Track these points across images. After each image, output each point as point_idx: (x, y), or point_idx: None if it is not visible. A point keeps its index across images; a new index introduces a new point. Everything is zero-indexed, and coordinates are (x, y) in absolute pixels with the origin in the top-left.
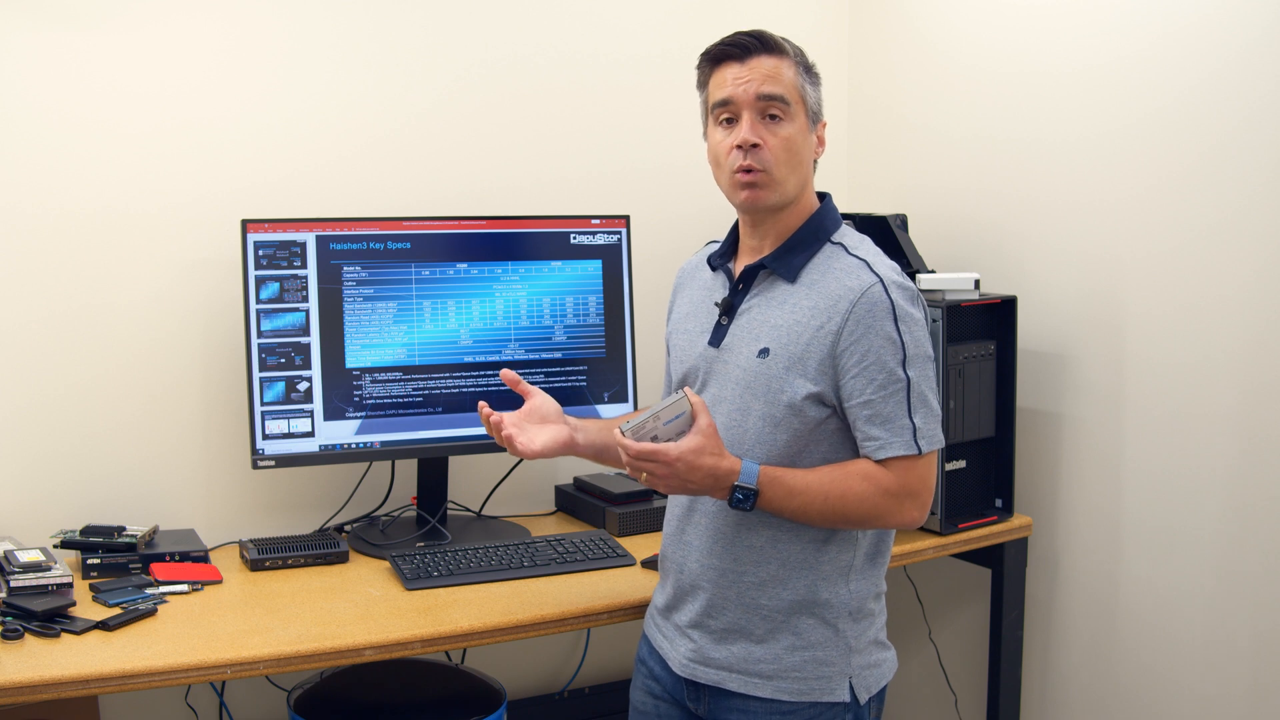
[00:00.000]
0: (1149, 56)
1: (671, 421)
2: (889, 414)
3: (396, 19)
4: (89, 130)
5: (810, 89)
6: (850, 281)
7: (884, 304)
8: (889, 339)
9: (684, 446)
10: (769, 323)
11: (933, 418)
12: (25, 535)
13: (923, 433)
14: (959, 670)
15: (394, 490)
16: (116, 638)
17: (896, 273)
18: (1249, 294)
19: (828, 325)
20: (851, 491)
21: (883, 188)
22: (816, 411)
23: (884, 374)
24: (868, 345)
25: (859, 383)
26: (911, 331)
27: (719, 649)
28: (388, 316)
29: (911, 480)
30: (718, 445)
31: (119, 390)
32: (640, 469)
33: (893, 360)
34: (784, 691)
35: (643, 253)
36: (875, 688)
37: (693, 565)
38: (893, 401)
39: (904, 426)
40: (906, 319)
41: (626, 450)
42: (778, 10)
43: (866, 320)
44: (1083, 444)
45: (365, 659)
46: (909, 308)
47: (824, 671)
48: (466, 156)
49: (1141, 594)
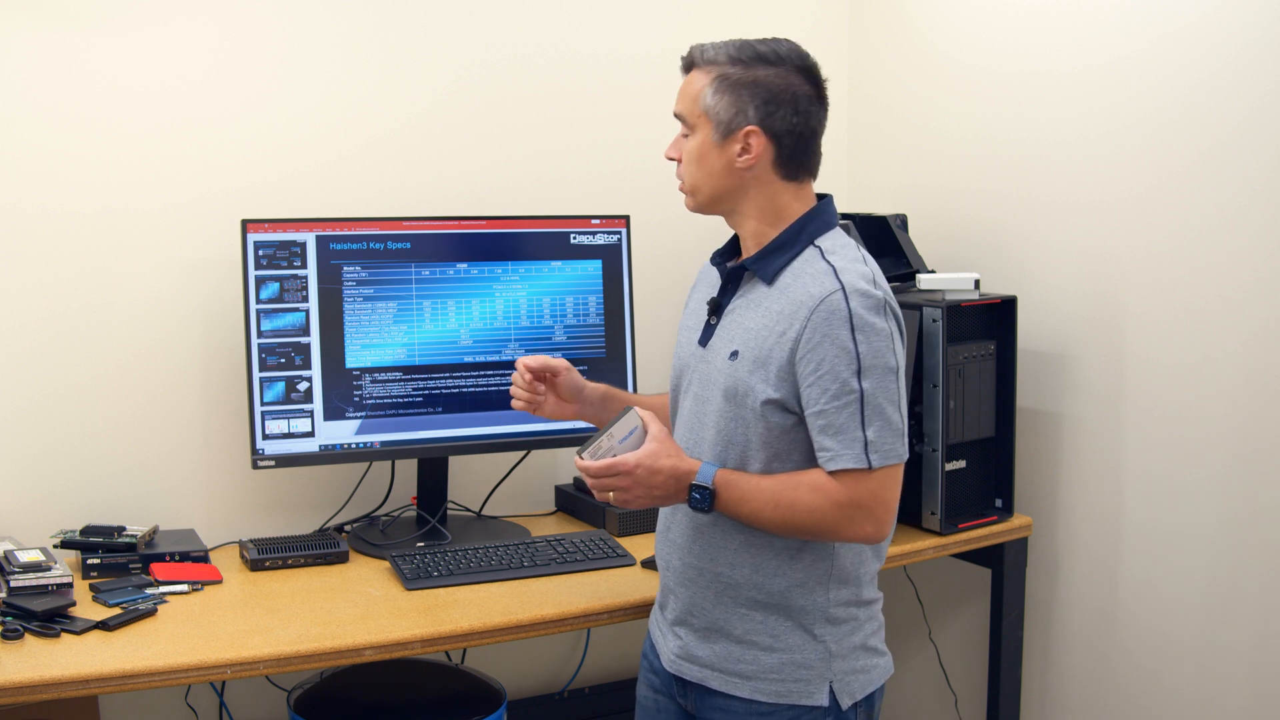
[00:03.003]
0: (1149, 56)
1: (626, 439)
2: (841, 425)
3: (396, 19)
4: (89, 130)
5: (720, 98)
6: (813, 288)
7: (841, 312)
8: (844, 349)
9: (640, 453)
10: (743, 325)
11: (889, 431)
12: (25, 535)
13: (875, 446)
14: (959, 670)
15: (394, 490)
16: (116, 638)
17: (866, 280)
18: (1249, 294)
19: (789, 332)
20: (801, 501)
21: (883, 188)
22: (780, 418)
23: (837, 384)
24: (823, 354)
25: (814, 391)
26: (870, 341)
27: (702, 647)
28: (388, 316)
29: (861, 494)
30: (674, 448)
31: (119, 390)
32: (605, 487)
33: (846, 371)
34: (762, 692)
35: (643, 253)
36: (860, 693)
37: (676, 563)
38: (845, 413)
39: (855, 439)
40: (865, 328)
41: (587, 472)
42: (778, 10)
43: (823, 328)
44: (1083, 444)
45: (365, 659)
46: (869, 317)
47: (802, 674)
48: (466, 156)
49: (1141, 594)
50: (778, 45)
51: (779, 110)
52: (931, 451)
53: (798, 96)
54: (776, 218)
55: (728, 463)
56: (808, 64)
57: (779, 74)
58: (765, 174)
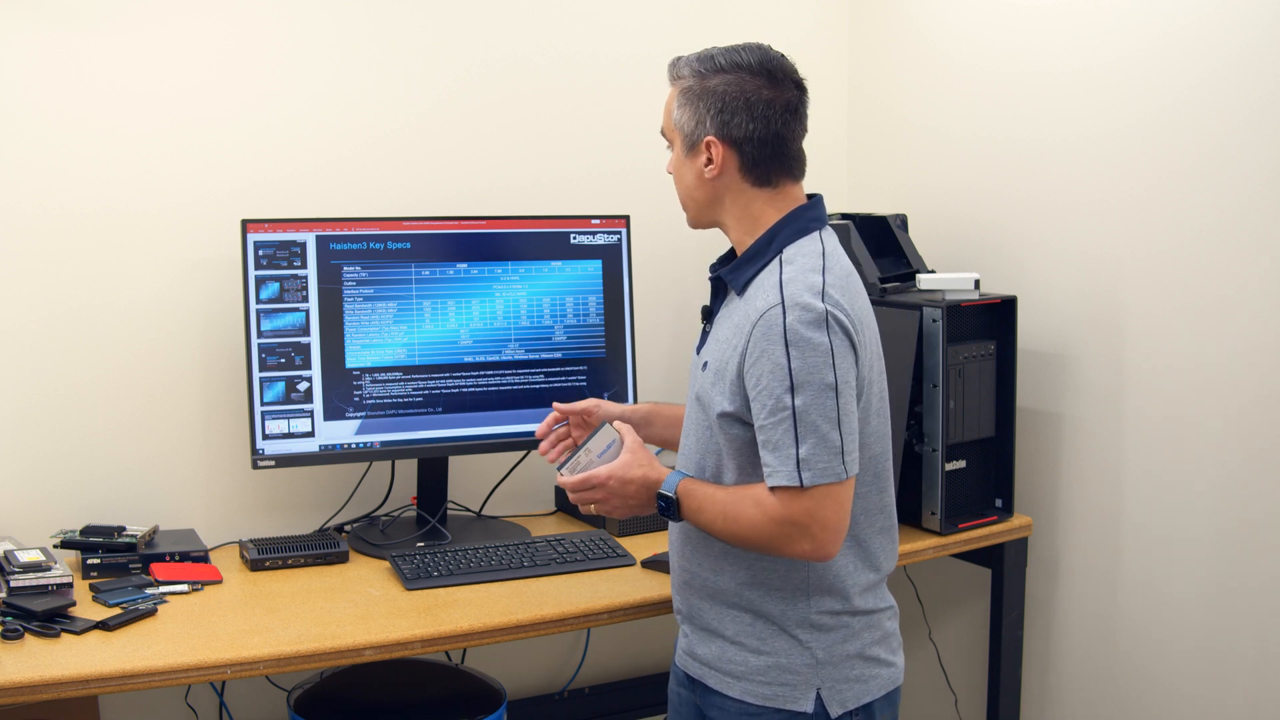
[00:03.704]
0: (1149, 56)
1: (604, 453)
2: (777, 441)
3: (396, 19)
4: (89, 130)
5: (683, 112)
6: (759, 302)
7: (777, 328)
8: (778, 364)
9: (613, 465)
10: (717, 336)
11: (824, 449)
12: (25, 535)
13: (808, 464)
14: (959, 670)
15: (394, 490)
16: (116, 638)
17: (812, 292)
18: (1249, 294)
19: (739, 345)
20: (744, 515)
21: (883, 188)
22: (739, 430)
23: (773, 400)
24: (761, 370)
25: (756, 406)
26: (805, 357)
27: (702, 645)
28: (388, 316)
29: (795, 512)
30: (646, 458)
31: (119, 390)
32: (584, 500)
33: (780, 387)
34: (750, 694)
35: (643, 253)
36: (854, 703)
37: (674, 565)
38: (780, 429)
39: (789, 456)
40: (800, 343)
41: (566, 486)
42: (778, 10)
43: (761, 344)
44: (1083, 444)
45: (365, 659)
46: (806, 332)
47: (787, 679)
48: (466, 156)
49: (1141, 594)
50: (738, 52)
51: (734, 118)
52: (931, 451)
53: (753, 102)
54: (753, 225)
55: (706, 470)
56: (769, 67)
57: (732, 80)
58: (734, 183)
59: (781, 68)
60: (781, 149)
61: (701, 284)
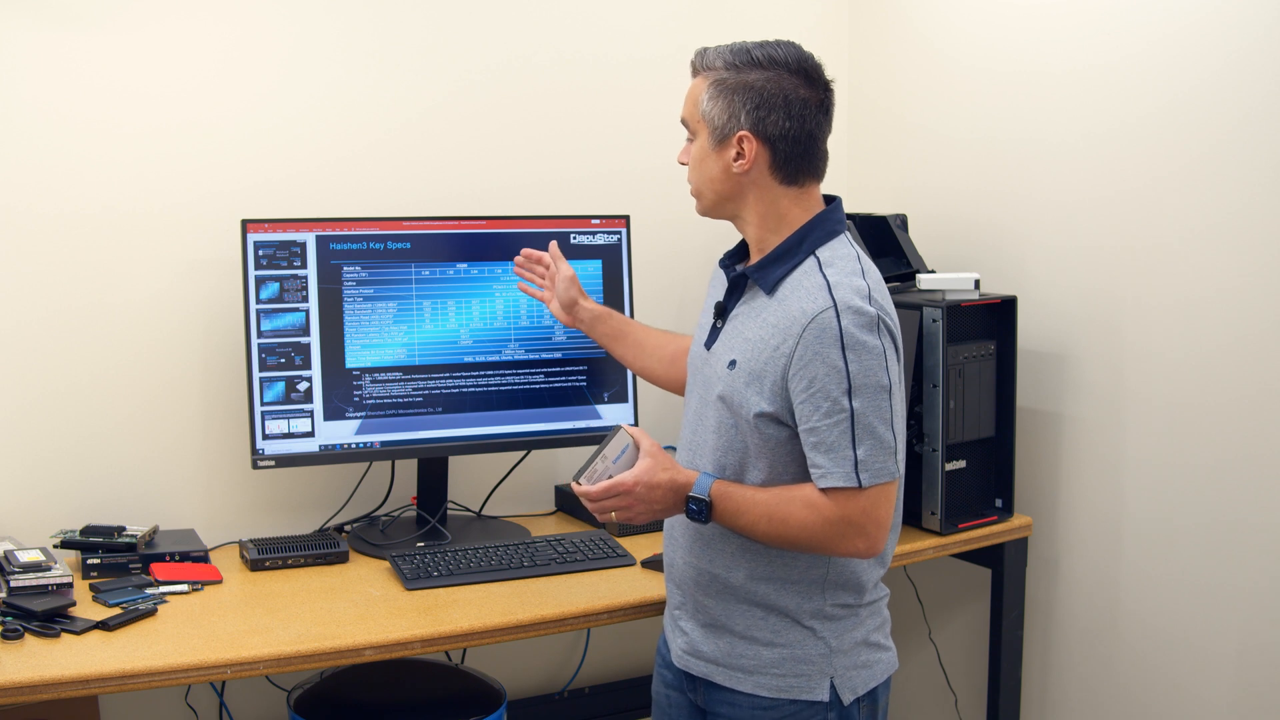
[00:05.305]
0: (1149, 56)
1: (619, 458)
2: (833, 443)
3: (397, 20)
4: (89, 130)
5: (714, 104)
6: (807, 304)
7: (832, 331)
8: (834, 368)
9: (637, 470)
10: (743, 334)
11: (881, 450)
12: (25, 535)
13: (865, 465)
14: (959, 670)
15: (394, 490)
16: (116, 638)
17: (860, 295)
18: (1249, 294)
19: (782, 347)
20: (794, 517)
21: (883, 188)
22: (775, 430)
23: (829, 403)
24: (814, 372)
25: (806, 409)
26: (861, 360)
27: (707, 642)
28: (388, 316)
29: (852, 512)
30: (668, 461)
31: (119, 390)
32: (606, 508)
33: (837, 390)
34: (763, 687)
35: (643, 253)
36: (863, 689)
37: (679, 562)
38: (836, 431)
39: (846, 457)
40: (857, 347)
41: (587, 496)
42: (777, 10)
43: (815, 346)
44: (1083, 444)
45: (365, 659)
46: (861, 335)
47: (802, 670)
48: (467, 157)
49: (1141, 594)
50: (774, 48)
51: (771, 114)
52: (931, 451)
53: (790, 100)
54: (778, 223)
55: (727, 469)
56: (805, 66)
57: (771, 77)
58: (763, 179)
59: (816, 66)
60: (812, 149)
61: (701, 284)
